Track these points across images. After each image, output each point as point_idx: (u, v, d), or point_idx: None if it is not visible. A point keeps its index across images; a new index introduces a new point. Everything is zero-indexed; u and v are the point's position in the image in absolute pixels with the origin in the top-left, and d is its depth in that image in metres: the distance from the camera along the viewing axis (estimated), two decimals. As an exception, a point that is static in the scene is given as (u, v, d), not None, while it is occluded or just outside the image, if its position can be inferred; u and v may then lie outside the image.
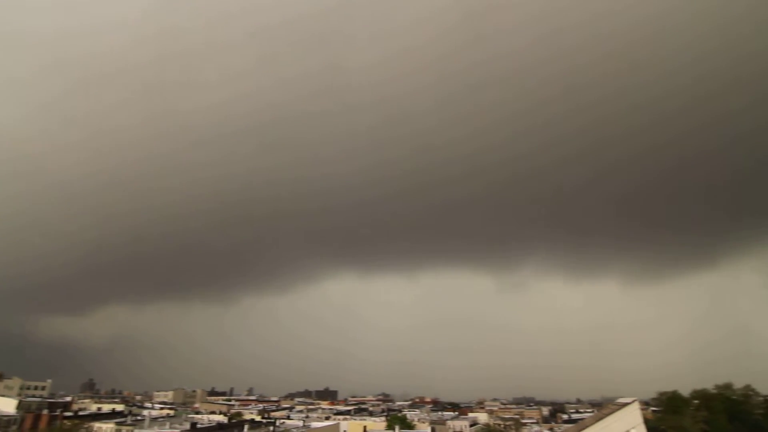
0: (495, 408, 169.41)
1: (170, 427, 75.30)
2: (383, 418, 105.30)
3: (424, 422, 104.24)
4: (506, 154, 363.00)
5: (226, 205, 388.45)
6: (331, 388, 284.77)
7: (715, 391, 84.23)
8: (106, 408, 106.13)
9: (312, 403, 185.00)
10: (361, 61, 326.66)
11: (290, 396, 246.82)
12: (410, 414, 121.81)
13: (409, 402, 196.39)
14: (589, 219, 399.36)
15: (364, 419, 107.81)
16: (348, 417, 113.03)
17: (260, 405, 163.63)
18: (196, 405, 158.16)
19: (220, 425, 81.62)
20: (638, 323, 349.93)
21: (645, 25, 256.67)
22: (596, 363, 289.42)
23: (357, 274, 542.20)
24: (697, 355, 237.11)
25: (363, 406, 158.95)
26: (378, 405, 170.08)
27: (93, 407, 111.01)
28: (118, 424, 76.32)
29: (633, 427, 10.40)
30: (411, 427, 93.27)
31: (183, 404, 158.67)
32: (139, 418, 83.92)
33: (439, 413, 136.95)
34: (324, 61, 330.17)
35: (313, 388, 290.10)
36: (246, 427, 75.94)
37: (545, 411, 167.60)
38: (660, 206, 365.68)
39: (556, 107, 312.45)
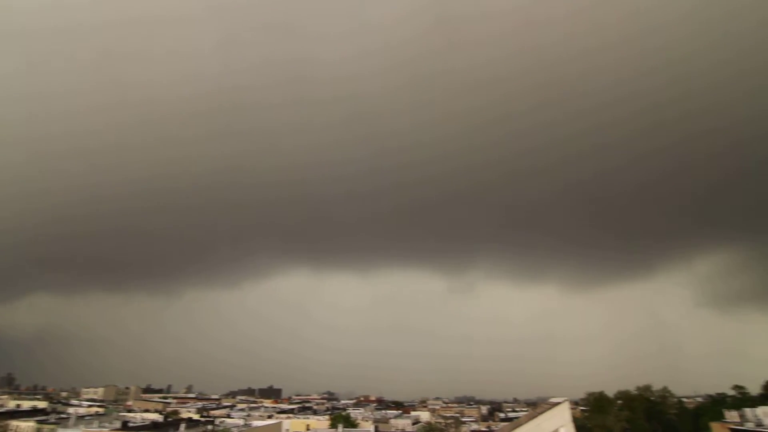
0: (437, 407, 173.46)
1: (99, 426, 70.97)
2: (327, 417, 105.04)
3: (367, 421, 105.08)
4: (466, 162, 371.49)
5: (171, 190, 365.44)
6: (276, 387, 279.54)
7: (636, 393, 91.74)
8: (27, 405, 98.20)
9: (254, 402, 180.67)
10: (332, 55, 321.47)
11: (232, 394, 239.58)
12: (354, 413, 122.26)
13: (354, 401, 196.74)
14: (535, 228, 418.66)
15: (308, 418, 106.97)
16: (291, 415, 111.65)
17: (199, 403, 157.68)
18: (129, 403, 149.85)
19: (154, 424, 78.02)
20: (574, 327, 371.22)
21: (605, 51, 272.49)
22: (535, 364, 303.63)
23: (310, 271, 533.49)
24: (626, 358, 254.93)
25: (307, 405, 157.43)
26: (323, 403, 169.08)
27: (11, 404, 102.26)
28: (39, 422, 70.98)
29: (562, 426, 11.17)
30: (354, 425, 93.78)
31: (114, 402, 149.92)
32: (63, 416, 78.43)
33: (383, 412, 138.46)
34: (291, 50, 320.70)
35: (257, 386, 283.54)
36: (183, 426, 73.14)
37: (484, 410, 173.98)
38: (604, 219, 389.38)
39: (521, 122, 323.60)
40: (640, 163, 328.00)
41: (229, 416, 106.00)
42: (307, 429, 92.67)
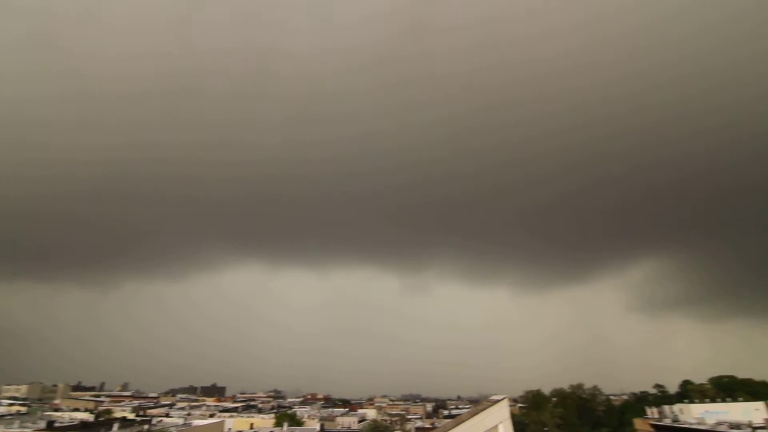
0: (384, 404, 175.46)
1: (20, 426, 65.88)
2: (272, 416, 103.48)
3: (314, 419, 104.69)
4: (426, 172, 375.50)
5: (111, 175, 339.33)
6: (220, 385, 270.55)
7: (569, 391, 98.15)
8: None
9: (196, 400, 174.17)
10: (297, 49, 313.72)
11: (172, 392, 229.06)
12: (301, 411, 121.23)
13: (301, 399, 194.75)
14: (488, 230, 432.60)
15: (252, 416, 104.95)
16: (235, 414, 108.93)
17: (135, 402, 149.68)
18: (57, 401, 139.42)
19: (84, 424, 73.31)
20: (520, 328, 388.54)
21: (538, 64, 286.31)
22: (481, 363, 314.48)
23: (263, 266, 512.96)
24: (563, 358, 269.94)
25: (252, 403, 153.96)
26: (268, 402, 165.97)
27: None
28: (-51, 423, 64.74)
29: (501, 422, 11.88)
30: (300, 424, 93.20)
31: (39, 400, 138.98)
32: (-21, 416, 71.95)
33: (330, 410, 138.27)
34: (254, 39, 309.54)
35: (199, 384, 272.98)
36: (116, 425, 69.37)
37: (429, 407, 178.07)
38: (548, 225, 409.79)
39: (481, 140, 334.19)
40: (579, 176, 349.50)
41: (167, 415, 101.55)
42: (251, 428, 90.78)
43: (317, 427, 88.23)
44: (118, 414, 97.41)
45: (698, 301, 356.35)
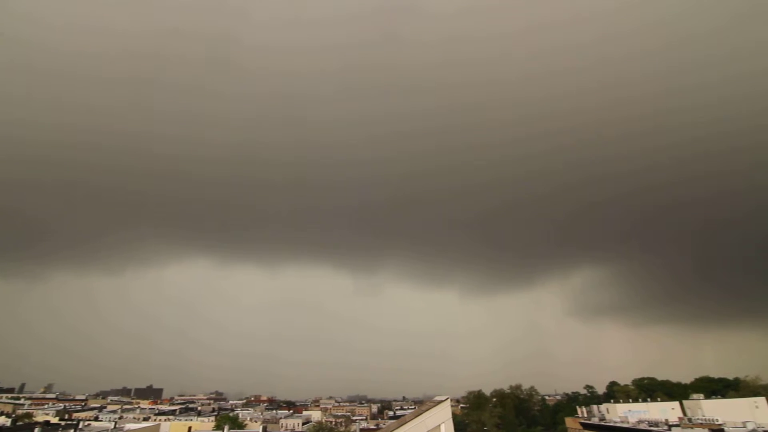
0: (330, 406, 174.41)
1: None
2: (213, 418, 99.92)
3: (256, 421, 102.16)
4: (377, 171, 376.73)
5: (40, 162, 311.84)
6: (156, 386, 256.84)
7: (508, 391, 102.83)
8: None
9: (129, 403, 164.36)
10: (256, 39, 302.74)
11: (103, 394, 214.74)
12: (243, 413, 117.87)
13: (244, 401, 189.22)
14: (441, 233, 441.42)
15: (191, 420, 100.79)
16: (172, 417, 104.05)
17: (60, 404, 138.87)
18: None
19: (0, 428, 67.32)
20: (468, 331, 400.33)
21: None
22: (428, 364, 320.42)
23: (212, 263, 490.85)
24: (506, 360, 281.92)
25: (191, 406, 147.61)
26: (209, 404, 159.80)
27: None
28: None
29: (443, 422, 12.59)
30: (242, 426, 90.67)
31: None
32: None
33: (274, 412, 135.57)
34: (212, 23, 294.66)
35: (133, 385, 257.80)
36: (37, 430, 64.15)
37: (375, 408, 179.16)
38: (498, 232, 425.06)
39: (428, 141, 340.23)
40: (530, 186, 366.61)
41: (96, 419, 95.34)
42: (189, 431, 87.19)
43: (259, 429, 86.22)
44: (39, 418, 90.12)
45: (627, 308, 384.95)
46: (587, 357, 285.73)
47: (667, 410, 76.31)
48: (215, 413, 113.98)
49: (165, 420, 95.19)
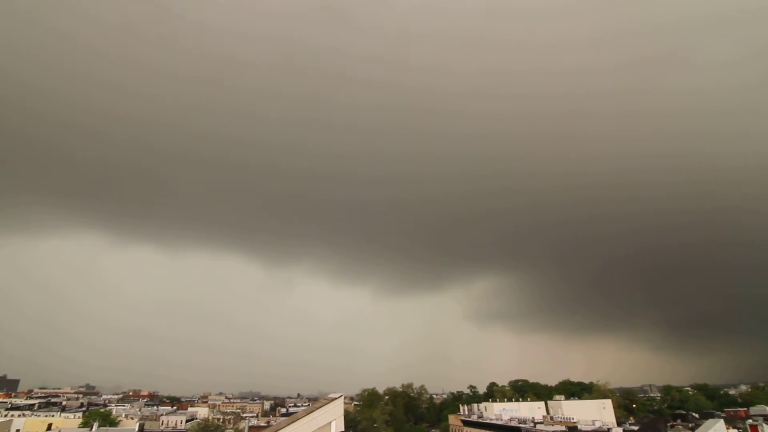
0: (218, 402, 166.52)
1: None
2: (80, 415, 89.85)
3: (133, 418, 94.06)
4: (296, 161, 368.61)
5: None
6: (11, 377, 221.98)
7: (400, 390, 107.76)
8: None
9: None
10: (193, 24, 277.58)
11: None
12: (118, 409, 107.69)
13: (120, 395, 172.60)
14: (357, 234, 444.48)
15: (53, 415, 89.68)
16: (28, 412, 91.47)
17: None
18: None
19: None
20: (375, 329, 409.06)
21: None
22: (329, 361, 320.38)
23: (103, 239, 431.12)
24: (408, 359, 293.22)
25: (55, 400, 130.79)
26: (77, 399, 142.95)
27: None
28: None
29: (334, 419, 13.08)
30: (115, 423, 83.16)
31: None
32: None
33: (155, 408, 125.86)
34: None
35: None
36: None
37: (267, 405, 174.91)
38: (411, 239, 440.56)
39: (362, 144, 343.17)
40: (444, 210, 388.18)
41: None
42: (49, 429, 77.67)
43: (135, 427, 79.60)
44: None
45: (516, 316, 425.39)
46: (478, 359, 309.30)
47: (534, 409, 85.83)
48: (84, 409, 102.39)
49: (19, 415, 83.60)
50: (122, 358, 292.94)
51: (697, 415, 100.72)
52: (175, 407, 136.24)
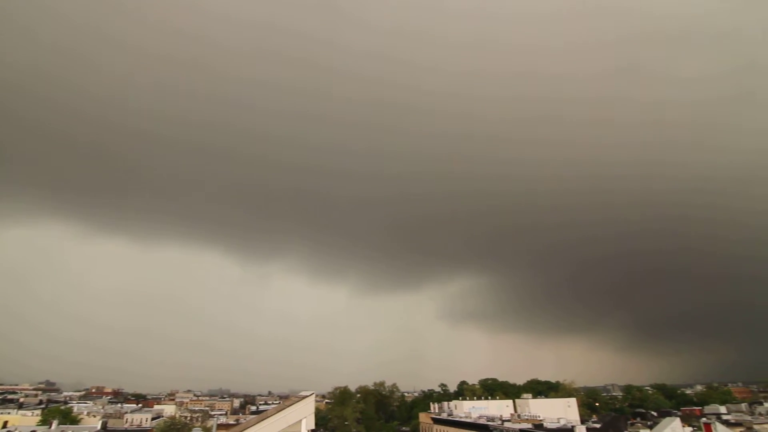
0: (186, 400, 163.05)
1: None
2: (39, 412, 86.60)
3: (95, 416, 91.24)
4: (278, 155, 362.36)
5: None
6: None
7: (372, 388, 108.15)
8: None
9: None
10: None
11: None
12: (80, 406, 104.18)
13: (83, 392, 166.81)
14: (338, 232, 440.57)
15: (9, 413, 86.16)
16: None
17: None
18: None
19: None
20: (351, 327, 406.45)
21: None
22: (303, 358, 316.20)
23: (71, 228, 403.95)
24: (382, 358, 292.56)
25: (11, 396, 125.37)
26: (35, 395, 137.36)
27: None
28: None
29: (305, 417, 13.08)
30: (76, 421, 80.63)
31: None
32: None
33: (119, 405, 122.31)
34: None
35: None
36: None
37: (237, 403, 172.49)
38: (391, 238, 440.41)
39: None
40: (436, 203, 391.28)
41: None
42: (4, 427, 74.64)
43: (98, 425, 77.29)
44: None
45: (488, 316, 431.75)
46: (451, 358, 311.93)
47: (502, 407, 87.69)
48: (43, 406, 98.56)
49: (-29, 413, 79.99)
50: (86, 351, 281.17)
51: (655, 414, 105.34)
52: (140, 405, 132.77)
